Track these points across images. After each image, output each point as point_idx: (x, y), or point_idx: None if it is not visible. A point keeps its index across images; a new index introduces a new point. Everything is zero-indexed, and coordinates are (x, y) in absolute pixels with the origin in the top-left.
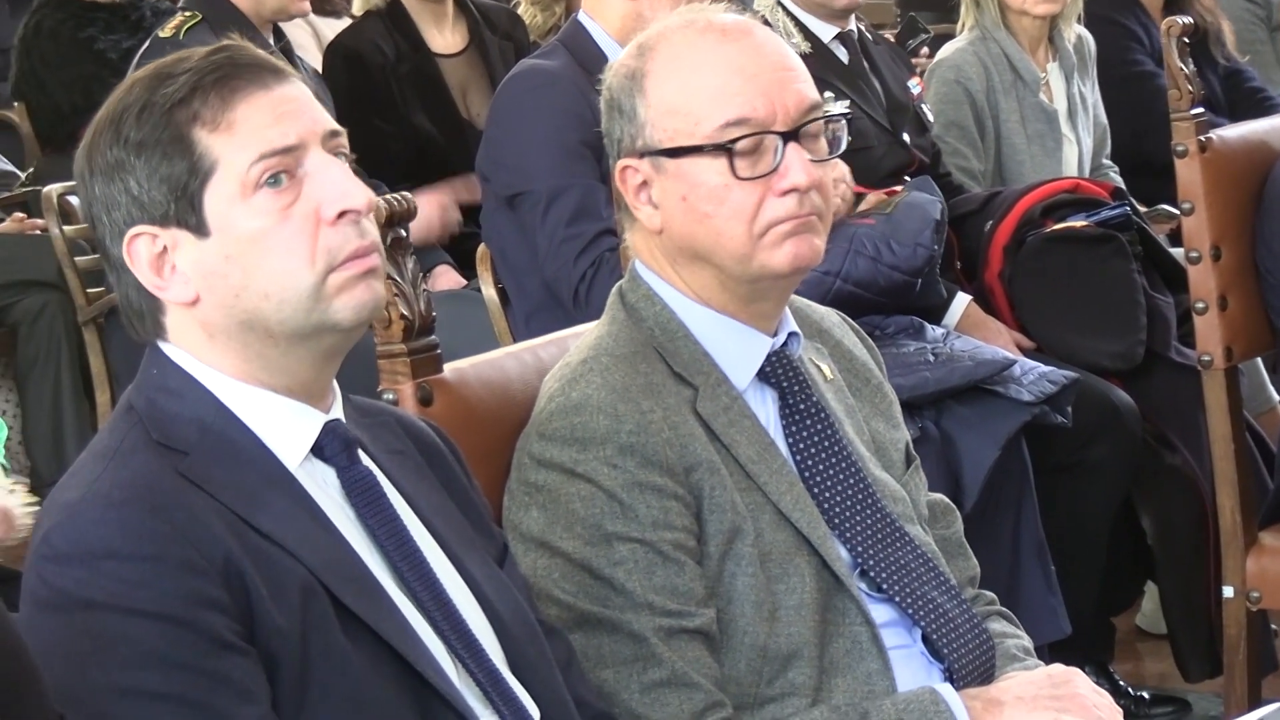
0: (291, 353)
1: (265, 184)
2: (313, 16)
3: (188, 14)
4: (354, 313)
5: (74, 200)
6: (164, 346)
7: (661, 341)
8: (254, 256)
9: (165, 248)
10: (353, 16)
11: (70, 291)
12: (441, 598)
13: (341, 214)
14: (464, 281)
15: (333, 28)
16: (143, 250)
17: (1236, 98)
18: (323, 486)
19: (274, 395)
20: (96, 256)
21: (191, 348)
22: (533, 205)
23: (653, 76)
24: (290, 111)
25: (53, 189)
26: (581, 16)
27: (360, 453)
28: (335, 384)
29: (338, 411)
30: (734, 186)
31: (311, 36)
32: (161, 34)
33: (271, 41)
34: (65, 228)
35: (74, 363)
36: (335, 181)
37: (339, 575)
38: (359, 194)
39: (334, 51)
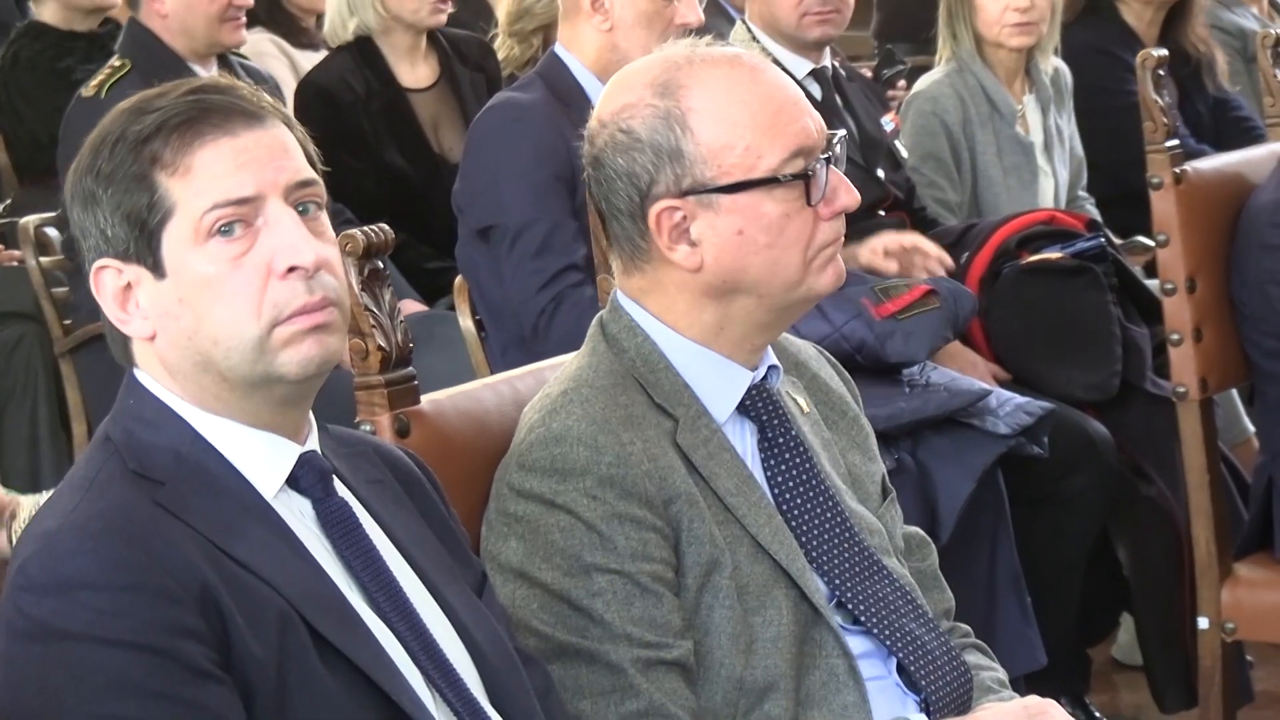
0: (249, 397)
1: (219, 232)
2: (289, 48)
3: (117, 64)
4: (299, 367)
5: (51, 232)
6: (139, 375)
7: (642, 372)
8: (205, 302)
9: (129, 282)
10: (329, 48)
11: (47, 323)
12: (418, 628)
13: (291, 269)
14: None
15: (310, 60)
16: (108, 283)
17: (1223, 127)
18: (299, 518)
19: (246, 428)
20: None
21: (159, 377)
22: (501, 238)
23: (696, 114)
24: (251, 161)
25: (29, 220)
26: (558, 49)
27: (337, 484)
28: (311, 415)
29: (313, 443)
30: (794, 215)
31: (289, 68)
32: (84, 92)
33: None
34: (42, 259)
35: (51, 394)
36: (288, 235)
37: (316, 605)
38: (308, 251)
39: (305, 89)
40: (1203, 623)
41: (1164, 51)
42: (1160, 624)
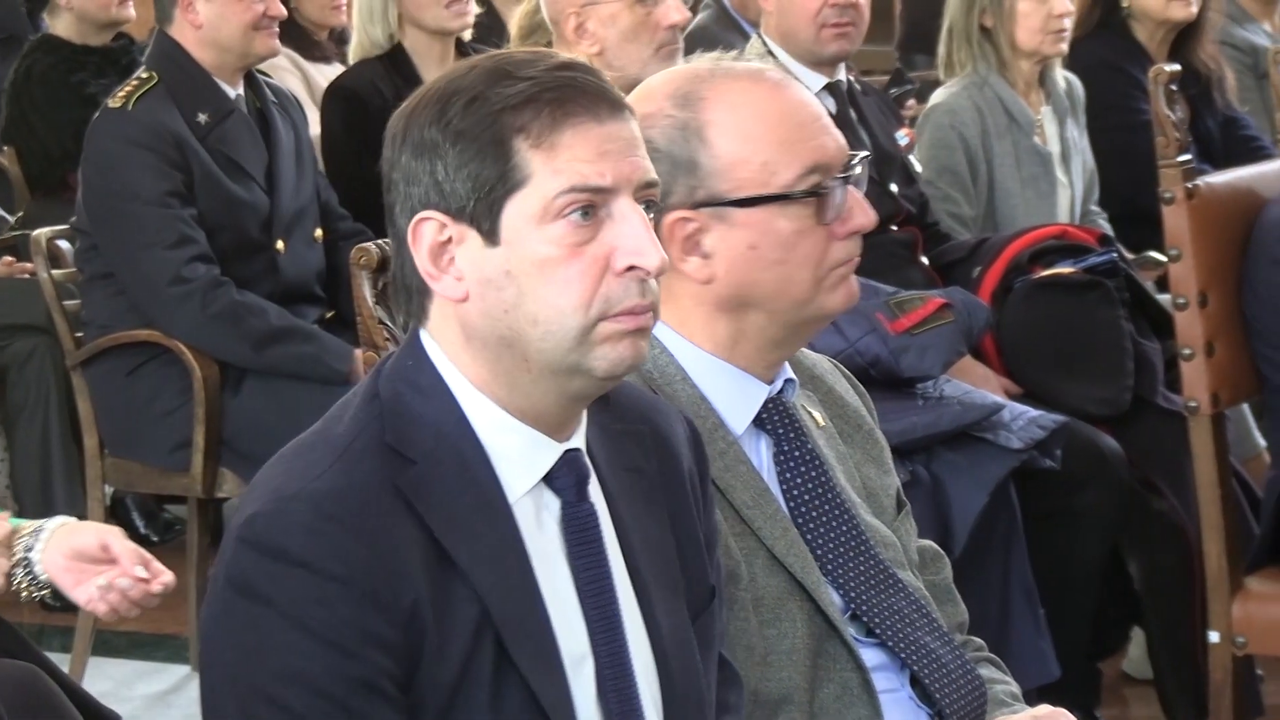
0: (540, 384)
1: (568, 215)
2: (303, 62)
3: (143, 77)
4: (612, 365)
5: (63, 244)
6: (424, 338)
7: (659, 384)
8: (534, 281)
9: (451, 239)
10: (343, 62)
11: (59, 336)
12: (620, 658)
13: (631, 268)
14: None
15: (324, 74)
16: (428, 234)
17: (1232, 145)
18: (543, 511)
19: (515, 420)
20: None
21: (446, 343)
22: None
23: (715, 127)
24: (613, 151)
25: (42, 233)
26: None
27: (592, 485)
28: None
29: (579, 440)
30: (806, 233)
31: (301, 82)
32: (111, 104)
33: (240, 94)
34: (54, 271)
35: (62, 407)
36: (634, 235)
37: (519, 630)
38: (654, 255)
39: (333, 93)
40: (1213, 637)
41: (1176, 67)
42: (1171, 638)
